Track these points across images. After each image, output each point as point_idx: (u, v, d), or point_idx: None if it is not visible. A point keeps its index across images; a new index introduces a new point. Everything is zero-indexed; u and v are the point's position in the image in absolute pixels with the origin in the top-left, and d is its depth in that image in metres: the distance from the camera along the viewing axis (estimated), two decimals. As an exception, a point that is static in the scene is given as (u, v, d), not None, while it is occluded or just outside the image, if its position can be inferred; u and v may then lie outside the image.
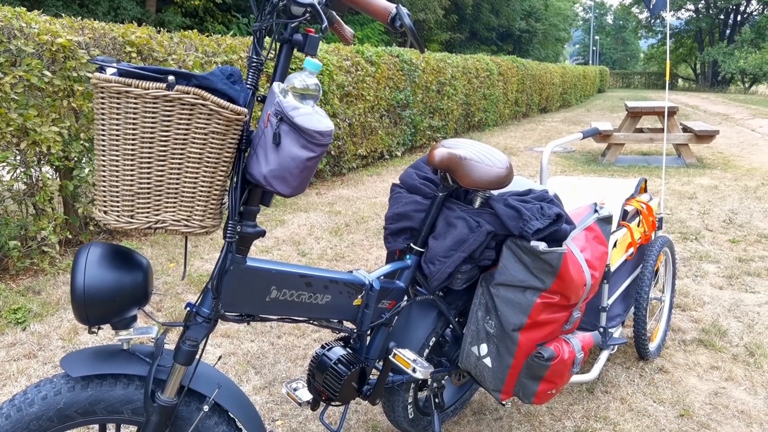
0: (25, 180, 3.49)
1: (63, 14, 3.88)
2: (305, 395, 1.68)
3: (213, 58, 4.58)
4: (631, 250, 2.38)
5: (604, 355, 2.28)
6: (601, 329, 2.24)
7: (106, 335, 2.77)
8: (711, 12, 40.08)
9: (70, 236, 3.81)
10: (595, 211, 1.88)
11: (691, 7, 40.97)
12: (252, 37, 1.24)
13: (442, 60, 9.05)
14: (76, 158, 3.71)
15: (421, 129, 8.42)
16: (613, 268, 2.24)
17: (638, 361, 2.59)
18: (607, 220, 1.88)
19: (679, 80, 45.56)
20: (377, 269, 1.65)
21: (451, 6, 25.33)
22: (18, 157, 3.42)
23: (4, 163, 3.33)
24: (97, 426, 2.01)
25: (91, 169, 3.83)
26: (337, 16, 1.40)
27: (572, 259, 1.64)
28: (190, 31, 4.57)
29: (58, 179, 3.80)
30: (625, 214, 2.41)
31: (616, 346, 2.37)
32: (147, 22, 6.77)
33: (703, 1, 40.11)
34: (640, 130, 8.33)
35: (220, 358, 1.60)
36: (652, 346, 2.60)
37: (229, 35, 5.10)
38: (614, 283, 2.33)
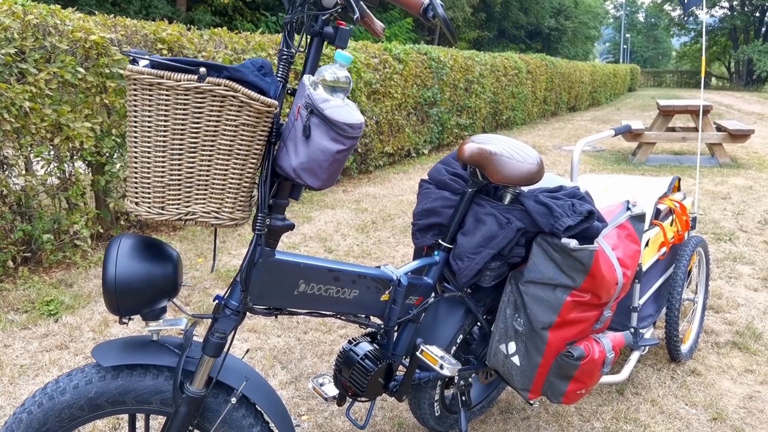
0: (58, 175, 3.56)
1: (96, 12, 3.94)
2: (331, 390, 1.68)
3: (242, 55, 4.61)
4: (664, 249, 2.33)
5: (635, 356, 2.24)
6: (632, 329, 2.20)
7: (135, 328, 2.81)
8: (746, 9, 39.17)
9: (101, 230, 3.88)
10: (628, 208, 1.84)
11: (726, 4, 40.10)
12: (282, 30, 1.24)
13: (470, 58, 8.99)
14: (107, 154, 3.77)
15: (449, 127, 8.38)
16: (645, 268, 2.19)
17: (670, 363, 2.54)
18: (639, 218, 1.84)
19: (713, 79, 44.64)
20: (405, 265, 1.64)
21: (479, 4, 25.14)
22: (52, 152, 3.49)
23: (39, 158, 3.39)
24: (126, 416, 2.04)
25: (122, 164, 3.89)
26: (368, 10, 1.39)
27: (604, 257, 1.61)
28: (219, 28, 4.61)
29: (90, 174, 3.86)
30: (657, 213, 2.36)
31: (647, 348, 2.33)
32: (177, 20, 6.84)
33: (738, -2, 39.26)
34: (672, 129, 8.18)
35: (247, 351, 1.61)
36: (684, 347, 2.55)
37: (258, 33, 5.13)
38: (646, 283, 2.28)
